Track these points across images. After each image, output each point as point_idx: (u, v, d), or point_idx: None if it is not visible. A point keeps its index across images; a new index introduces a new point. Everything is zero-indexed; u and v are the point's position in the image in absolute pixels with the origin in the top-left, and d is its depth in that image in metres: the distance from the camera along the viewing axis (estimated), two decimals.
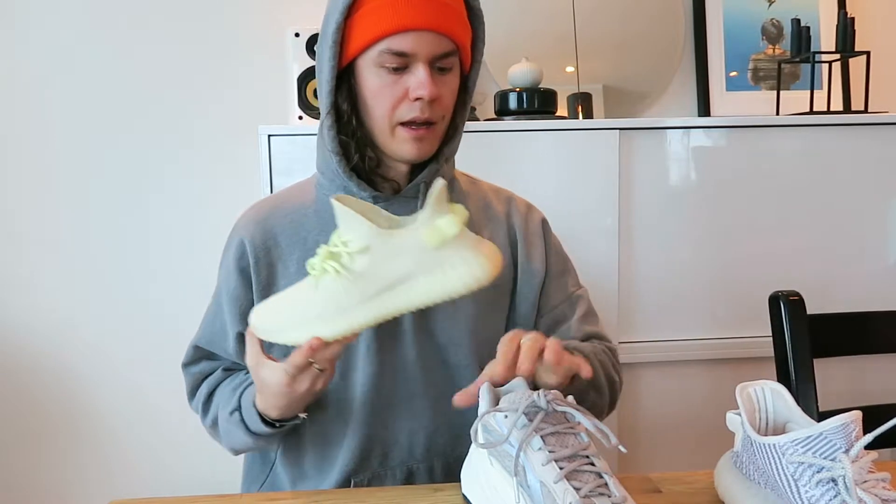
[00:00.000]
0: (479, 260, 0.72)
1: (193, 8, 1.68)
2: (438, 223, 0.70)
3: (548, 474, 0.60)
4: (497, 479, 0.66)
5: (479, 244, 0.73)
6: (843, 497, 0.57)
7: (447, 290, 0.72)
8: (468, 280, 0.71)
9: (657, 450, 1.59)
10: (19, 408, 1.74)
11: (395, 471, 0.90)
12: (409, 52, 0.81)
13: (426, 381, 0.89)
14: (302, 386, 0.76)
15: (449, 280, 0.71)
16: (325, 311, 0.72)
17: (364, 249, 0.71)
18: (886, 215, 1.57)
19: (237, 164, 1.70)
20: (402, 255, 0.71)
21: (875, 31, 1.79)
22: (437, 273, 0.71)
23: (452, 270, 0.71)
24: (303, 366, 0.74)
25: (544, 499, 0.60)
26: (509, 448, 0.64)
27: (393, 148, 0.86)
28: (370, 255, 0.71)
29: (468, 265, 0.71)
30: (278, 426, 0.83)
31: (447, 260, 0.71)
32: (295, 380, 0.75)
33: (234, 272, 0.90)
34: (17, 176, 1.70)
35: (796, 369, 1.03)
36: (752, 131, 1.53)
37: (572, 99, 1.72)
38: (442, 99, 0.84)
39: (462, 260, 0.71)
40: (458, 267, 0.71)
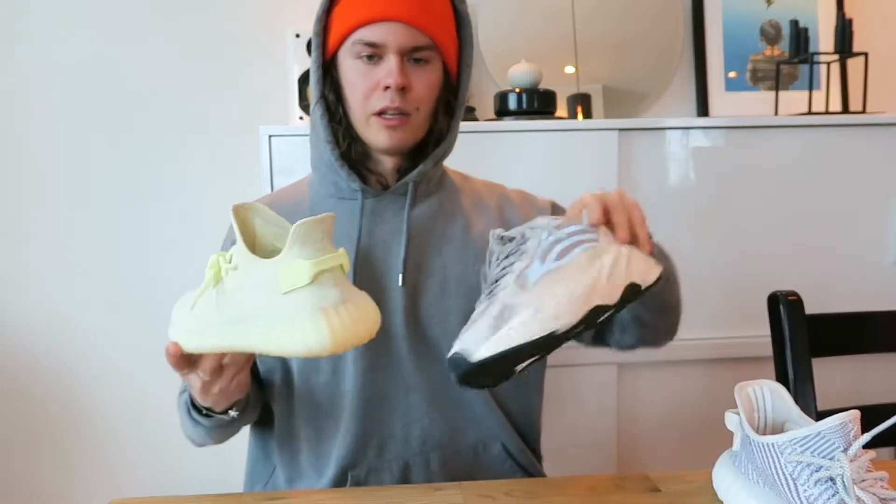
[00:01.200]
0: (316, 326, 0.59)
1: (194, 8, 1.69)
2: (294, 265, 0.60)
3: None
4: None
5: (338, 305, 0.61)
6: (841, 496, 0.58)
7: (277, 348, 0.62)
8: (297, 346, 0.60)
9: (656, 449, 1.59)
10: (19, 408, 1.74)
11: (392, 464, 0.90)
12: (380, 43, 0.84)
13: (420, 375, 0.89)
14: (194, 385, 0.76)
15: (279, 338, 0.61)
16: (191, 319, 0.69)
17: (234, 268, 0.65)
18: (885, 215, 1.57)
19: (237, 164, 1.70)
20: (258, 289, 0.62)
21: (873, 32, 1.79)
22: (274, 324, 0.61)
23: (286, 328, 0.60)
24: (176, 367, 0.73)
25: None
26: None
27: (369, 137, 0.88)
28: (237, 278, 0.64)
29: (302, 329, 0.60)
30: (205, 414, 0.84)
31: (286, 313, 0.60)
32: (186, 377, 0.76)
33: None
34: (16, 176, 1.70)
35: (795, 369, 1.03)
36: (751, 132, 1.53)
37: (572, 99, 1.72)
38: (414, 90, 0.86)
39: (299, 320, 0.60)
40: (293, 326, 0.60)
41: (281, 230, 0.67)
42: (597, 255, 0.68)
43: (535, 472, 0.97)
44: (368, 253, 0.88)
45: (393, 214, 0.90)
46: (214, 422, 0.86)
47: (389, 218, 0.90)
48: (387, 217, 0.90)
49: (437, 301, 0.89)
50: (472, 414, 0.92)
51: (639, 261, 0.69)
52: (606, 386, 1.54)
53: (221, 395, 0.78)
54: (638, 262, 0.69)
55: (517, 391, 0.96)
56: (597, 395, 1.54)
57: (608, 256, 0.68)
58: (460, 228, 0.92)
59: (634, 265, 0.68)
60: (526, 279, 0.66)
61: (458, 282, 0.90)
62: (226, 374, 0.76)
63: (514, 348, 0.61)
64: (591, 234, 0.69)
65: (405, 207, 0.89)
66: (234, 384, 0.78)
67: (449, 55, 0.89)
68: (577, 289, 0.65)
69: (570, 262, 0.67)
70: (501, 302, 0.65)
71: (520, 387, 0.96)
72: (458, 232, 0.92)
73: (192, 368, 0.74)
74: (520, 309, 0.64)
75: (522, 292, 0.65)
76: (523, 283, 0.66)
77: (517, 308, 0.64)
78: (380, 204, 0.90)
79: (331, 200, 0.91)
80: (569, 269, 0.67)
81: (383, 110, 0.85)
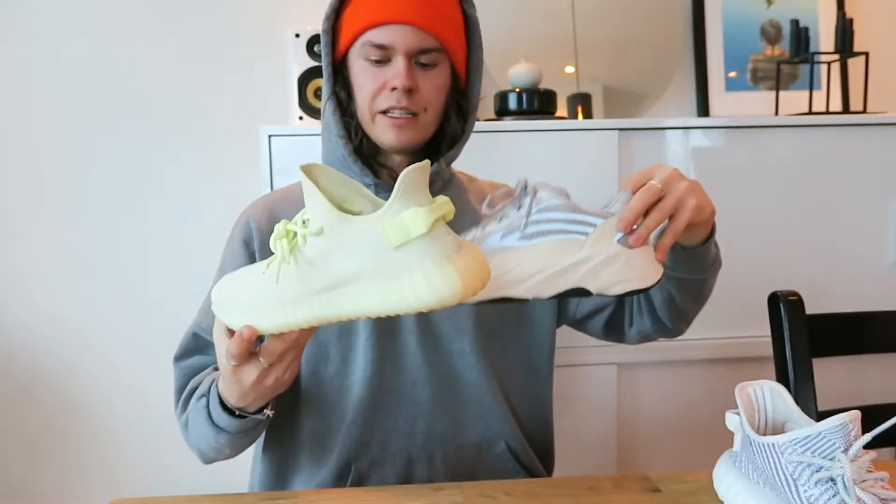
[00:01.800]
0: (444, 273, 0.56)
1: (193, 8, 1.68)
2: (403, 216, 0.55)
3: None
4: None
5: (456, 252, 0.57)
6: (841, 496, 0.58)
7: (399, 305, 0.57)
8: (426, 297, 0.56)
9: (656, 449, 1.59)
10: (19, 408, 1.74)
11: (395, 458, 0.90)
12: (388, 45, 0.85)
13: (427, 369, 0.89)
14: (248, 377, 0.70)
15: (402, 293, 0.57)
16: (266, 299, 0.62)
17: (318, 232, 0.58)
18: (885, 215, 1.57)
19: (237, 164, 1.70)
20: (357, 250, 0.57)
21: (874, 32, 1.79)
22: (391, 280, 0.57)
23: (409, 281, 0.56)
24: (240, 356, 0.68)
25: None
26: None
27: (376, 135, 0.89)
28: (323, 241, 0.58)
29: (429, 278, 0.56)
30: (237, 415, 0.77)
31: (405, 266, 0.56)
32: (238, 369, 0.70)
33: (240, 251, 0.91)
34: (16, 176, 1.70)
35: (795, 369, 1.03)
36: (751, 132, 1.53)
37: (572, 99, 1.72)
38: (421, 91, 0.87)
39: (423, 271, 0.56)
40: (417, 278, 0.56)
41: (349, 191, 0.61)
42: (569, 248, 0.68)
43: (538, 472, 0.97)
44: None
45: None
46: (245, 424, 0.79)
47: None
48: None
49: None
50: (477, 410, 0.92)
51: (621, 269, 0.68)
52: (606, 386, 1.54)
53: (275, 385, 0.72)
54: (618, 269, 0.68)
55: (528, 392, 0.97)
56: (597, 395, 1.54)
57: (579, 254, 0.68)
58: (469, 226, 0.92)
59: (605, 273, 0.68)
60: (479, 244, 0.69)
61: None
62: (285, 360, 0.70)
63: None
64: (589, 223, 0.69)
65: None
66: (290, 373, 0.72)
67: (457, 58, 0.90)
68: (504, 276, 0.66)
69: (531, 246, 0.68)
70: None
71: (531, 386, 0.97)
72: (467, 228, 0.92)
73: (253, 357, 0.69)
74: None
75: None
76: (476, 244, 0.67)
77: None
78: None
79: None
80: (521, 252, 0.68)
81: (389, 108, 0.86)
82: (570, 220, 0.69)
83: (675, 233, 0.71)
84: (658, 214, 0.70)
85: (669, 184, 0.71)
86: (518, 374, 0.96)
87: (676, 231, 0.71)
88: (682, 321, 0.91)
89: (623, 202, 0.71)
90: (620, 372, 1.54)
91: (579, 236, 0.68)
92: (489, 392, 0.91)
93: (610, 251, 0.68)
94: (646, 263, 0.70)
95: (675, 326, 0.91)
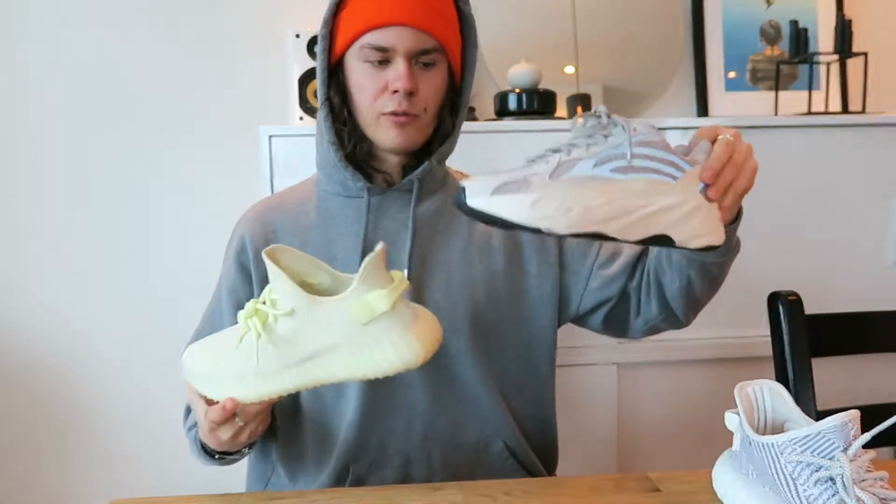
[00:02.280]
0: (408, 342, 0.66)
1: (194, 9, 1.69)
2: (368, 298, 0.65)
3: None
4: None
5: (414, 322, 0.67)
6: (841, 496, 0.58)
7: (373, 370, 0.67)
8: (395, 364, 0.66)
9: (656, 449, 1.59)
10: (19, 407, 1.74)
11: (393, 459, 0.90)
12: (388, 47, 0.85)
13: (424, 370, 0.89)
14: (224, 435, 0.76)
15: (375, 361, 0.66)
16: (244, 372, 0.69)
17: (289, 313, 0.66)
18: (885, 215, 1.57)
19: (237, 164, 1.70)
20: (328, 327, 0.66)
21: (873, 33, 1.79)
22: (364, 351, 0.66)
23: (380, 351, 0.66)
24: (220, 421, 0.74)
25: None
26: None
27: (379, 137, 0.89)
28: (294, 321, 0.66)
29: (396, 348, 0.66)
30: (217, 457, 0.86)
31: (375, 339, 0.66)
32: (216, 430, 0.76)
33: (233, 266, 0.93)
34: (16, 176, 1.70)
35: (795, 369, 1.03)
36: (751, 132, 1.53)
37: (572, 100, 1.72)
38: (422, 92, 0.87)
39: (390, 342, 0.66)
40: (386, 349, 0.66)
41: (310, 265, 0.69)
42: (660, 190, 0.64)
43: (538, 472, 0.97)
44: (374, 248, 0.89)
45: (398, 210, 0.91)
46: (226, 461, 0.88)
47: (395, 214, 0.91)
48: (392, 213, 0.91)
49: (442, 296, 0.89)
50: (475, 410, 0.92)
51: (702, 222, 0.66)
52: (606, 386, 1.54)
53: (249, 439, 0.79)
54: (700, 222, 0.66)
55: (528, 391, 0.96)
56: (597, 395, 1.54)
57: (669, 198, 0.65)
58: (464, 225, 0.93)
59: (692, 223, 0.65)
60: (567, 169, 0.64)
61: (462, 277, 0.90)
62: (258, 417, 0.77)
63: (498, 217, 0.62)
64: (679, 167, 0.65)
65: (410, 204, 0.90)
66: (261, 426, 0.80)
67: (454, 56, 0.90)
68: (598, 209, 0.63)
69: (624, 180, 0.64)
70: (529, 172, 0.64)
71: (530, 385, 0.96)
72: (461, 229, 0.93)
73: (232, 419, 0.75)
74: (530, 190, 0.63)
75: (550, 180, 0.63)
76: (560, 172, 0.64)
77: (530, 187, 0.63)
78: (385, 201, 0.91)
79: (338, 198, 0.92)
80: (614, 185, 0.64)
81: (392, 112, 0.86)
82: (664, 161, 0.65)
83: (736, 194, 0.70)
84: (732, 170, 0.68)
85: (738, 143, 0.70)
86: (517, 372, 0.96)
87: (738, 192, 0.70)
88: (694, 309, 0.90)
89: (705, 152, 0.68)
90: (620, 372, 1.55)
91: (670, 179, 0.65)
92: (487, 391, 0.91)
93: (696, 200, 0.66)
94: (717, 220, 0.68)
95: (686, 315, 0.90)
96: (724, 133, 0.70)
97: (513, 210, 0.62)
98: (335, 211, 0.92)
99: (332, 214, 0.92)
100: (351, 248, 0.89)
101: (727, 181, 0.68)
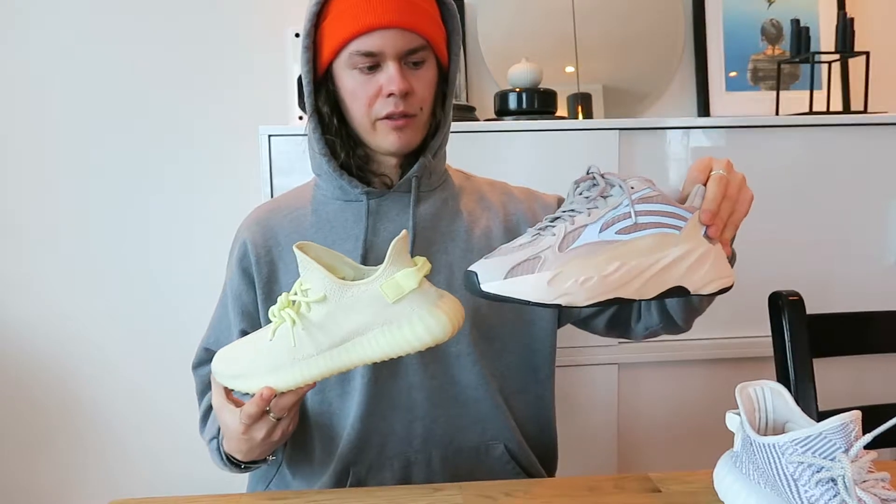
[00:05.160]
0: (437, 317, 0.69)
1: (193, 8, 1.69)
2: (396, 277, 0.68)
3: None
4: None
5: (440, 299, 0.70)
6: (842, 497, 0.57)
7: (403, 347, 0.69)
8: (425, 338, 0.69)
9: (657, 449, 1.59)
10: (19, 408, 1.74)
11: (393, 461, 0.90)
12: (377, 52, 0.84)
13: (424, 373, 0.89)
14: (258, 434, 0.76)
15: (405, 337, 0.69)
16: (279, 361, 0.71)
17: (321, 300, 0.69)
18: (886, 215, 1.57)
19: (237, 164, 1.70)
20: (359, 309, 0.69)
21: (874, 32, 1.79)
22: (394, 329, 0.69)
23: (409, 327, 0.69)
24: (256, 416, 0.74)
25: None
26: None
27: (377, 142, 0.88)
28: (327, 306, 0.69)
29: (425, 323, 0.68)
30: (244, 467, 0.85)
31: (404, 316, 0.69)
32: (250, 428, 0.76)
33: (236, 272, 0.93)
34: (17, 176, 1.70)
35: (796, 369, 1.03)
36: (752, 131, 1.53)
37: (572, 99, 1.72)
38: (416, 92, 0.86)
39: (419, 317, 0.68)
40: (415, 324, 0.69)
41: (335, 259, 0.73)
42: (667, 243, 0.65)
43: (537, 473, 0.97)
44: (375, 251, 0.88)
45: (398, 213, 0.90)
46: (253, 469, 0.88)
47: (395, 216, 0.90)
48: (392, 216, 0.90)
49: None
50: (476, 413, 0.91)
51: (712, 267, 0.67)
52: (606, 386, 1.54)
53: (281, 437, 0.79)
54: (710, 267, 0.67)
55: (528, 393, 0.96)
56: (597, 395, 1.54)
57: (677, 249, 0.65)
58: (464, 227, 0.92)
59: (702, 270, 0.66)
60: (574, 239, 0.65)
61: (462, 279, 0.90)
62: (291, 413, 0.77)
63: (515, 299, 0.63)
64: (681, 216, 0.66)
65: (410, 205, 0.90)
66: (293, 424, 0.80)
67: (440, 49, 0.90)
68: (612, 274, 0.63)
69: (631, 240, 0.64)
70: (537, 249, 0.65)
71: (530, 387, 0.96)
72: (461, 230, 0.92)
73: (263, 415, 0.75)
74: (543, 268, 0.63)
75: (559, 252, 0.64)
76: (568, 242, 0.65)
77: (542, 265, 0.64)
78: (384, 203, 0.91)
79: (337, 203, 0.92)
80: (623, 247, 0.64)
81: (389, 115, 0.85)
82: (665, 213, 0.66)
83: (735, 226, 0.70)
84: (728, 205, 0.69)
85: (730, 175, 0.70)
86: (517, 375, 0.95)
87: (736, 223, 0.70)
88: (693, 317, 0.90)
89: (700, 196, 0.69)
90: (621, 372, 1.54)
91: (674, 231, 0.66)
92: (487, 394, 0.91)
93: (702, 247, 0.67)
94: (725, 261, 0.69)
95: (686, 322, 0.90)
96: (716, 167, 0.71)
97: (530, 291, 0.63)
98: (334, 215, 0.92)
99: (332, 219, 0.92)
100: (351, 253, 0.89)
101: (724, 218, 0.69)
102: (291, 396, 0.74)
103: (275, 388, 0.72)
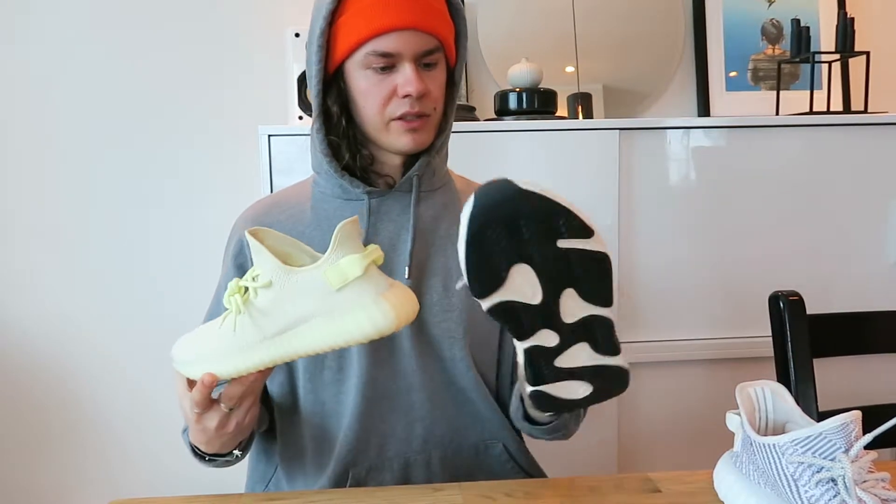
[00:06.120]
0: (380, 308, 0.65)
1: (193, 9, 1.68)
2: (341, 263, 0.65)
3: None
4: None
5: (389, 289, 0.67)
6: (842, 497, 0.57)
7: (346, 338, 0.66)
8: (367, 329, 0.65)
9: (657, 449, 1.59)
10: (19, 408, 1.74)
11: (393, 462, 0.90)
12: (394, 52, 0.83)
13: (422, 374, 0.89)
14: (211, 423, 0.75)
15: (346, 327, 0.66)
16: (225, 347, 0.70)
17: (267, 285, 0.67)
18: (886, 215, 1.57)
19: (237, 164, 1.70)
20: (304, 296, 0.66)
21: (875, 32, 1.79)
22: (336, 318, 0.66)
23: (352, 317, 0.66)
24: (203, 403, 0.73)
25: None
26: None
27: (390, 142, 0.87)
28: (273, 292, 0.67)
29: (368, 313, 0.65)
30: (208, 459, 0.84)
31: (348, 305, 0.66)
32: (202, 417, 0.75)
33: (231, 268, 0.92)
34: (17, 176, 1.70)
35: (796, 369, 1.03)
36: (752, 131, 1.53)
37: (572, 99, 1.72)
38: (430, 93, 0.86)
39: (362, 307, 0.65)
40: (358, 314, 0.65)
41: (293, 248, 0.71)
42: None
43: (537, 473, 0.97)
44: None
45: (399, 213, 0.90)
46: (218, 465, 0.87)
47: (395, 216, 0.90)
48: (393, 215, 0.90)
49: (439, 300, 0.89)
50: (474, 414, 0.91)
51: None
52: None
53: (236, 430, 0.77)
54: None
55: None
56: None
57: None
58: None
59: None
60: None
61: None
62: (244, 404, 0.76)
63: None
64: None
65: (410, 204, 0.89)
66: (249, 417, 0.78)
67: (451, 51, 0.90)
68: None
69: None
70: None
71: None
72: None
73: (214, 404, 0.74)
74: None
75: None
76: None
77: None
78: (385, 202, 0.90)
79: (336, 201, 0.91)
80: None
81: (403, 115, 0.85)
82: None
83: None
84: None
85: None
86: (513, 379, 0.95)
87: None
88: None
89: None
90: None
91: None
92: (484, 396, 0.91)
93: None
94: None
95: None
96: None
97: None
98: (333, 213, 0.91)
99: (330, 217, 0.91)
100: None
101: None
102: (238, 385, 0.72)
103: (217, 375, 0.70)
